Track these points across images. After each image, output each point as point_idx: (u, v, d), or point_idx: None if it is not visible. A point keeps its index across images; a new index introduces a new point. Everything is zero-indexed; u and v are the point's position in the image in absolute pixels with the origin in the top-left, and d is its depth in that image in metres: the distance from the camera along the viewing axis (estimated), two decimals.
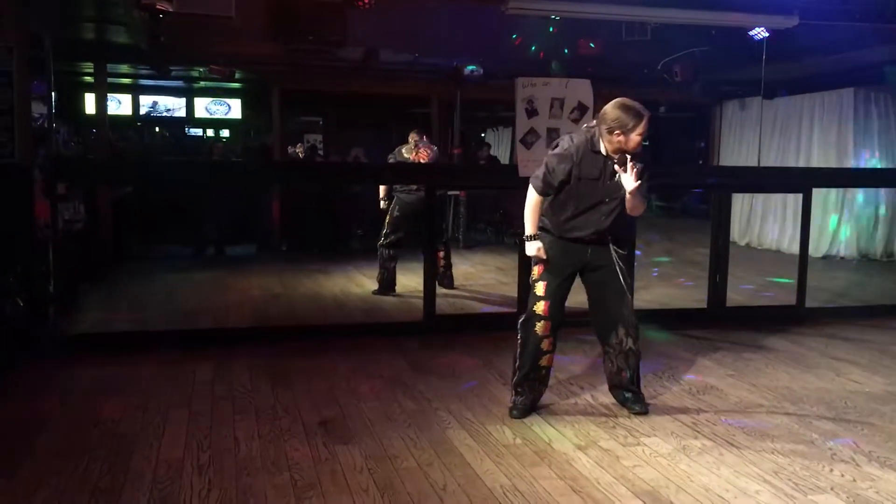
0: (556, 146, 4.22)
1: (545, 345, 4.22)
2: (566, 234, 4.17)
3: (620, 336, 4.23)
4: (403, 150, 7.95)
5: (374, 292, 7.81)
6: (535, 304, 4.20)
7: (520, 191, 6.27)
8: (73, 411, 4.26)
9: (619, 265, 4.16)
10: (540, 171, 4.19)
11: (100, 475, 3.41)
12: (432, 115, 13.26)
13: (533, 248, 4.22)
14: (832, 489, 3.36)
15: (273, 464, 3.55)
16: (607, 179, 4.05)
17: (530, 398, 4.30)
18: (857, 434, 4.06)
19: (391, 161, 8.00)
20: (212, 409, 4.31)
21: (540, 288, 4.20)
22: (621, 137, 3.96)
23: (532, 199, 4.24)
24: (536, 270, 4.24)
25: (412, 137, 8.01)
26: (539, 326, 4.19)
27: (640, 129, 3.95)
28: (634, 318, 4.26)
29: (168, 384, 4.75)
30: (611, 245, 4.17)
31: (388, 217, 7.90)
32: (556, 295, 4.18)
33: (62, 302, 5.94)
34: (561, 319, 4.23)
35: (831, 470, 3.58)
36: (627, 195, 3.97)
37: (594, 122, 4.13)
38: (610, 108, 4.00)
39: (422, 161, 7.75)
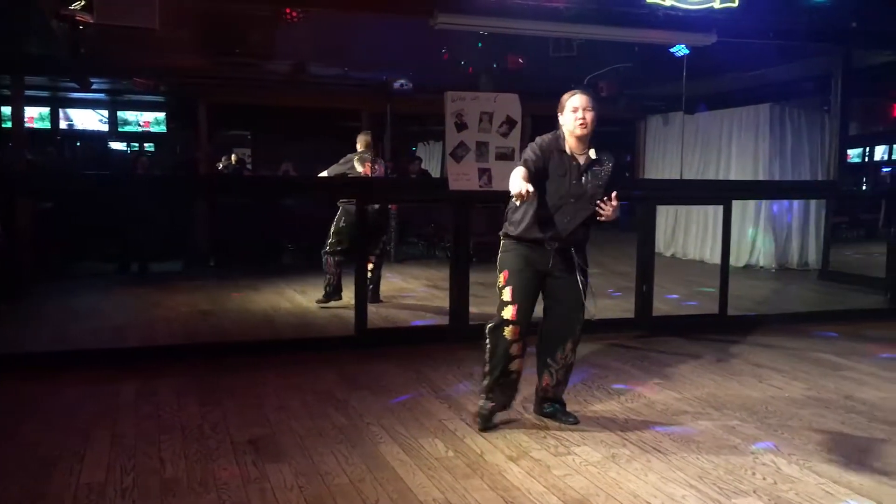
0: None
1: (514, 349, 4.16)
2: (527, 235, 4.10)
3: (567, 351, 4.24)
4: (356, 161, 7.71)
5: (319, 301, 7.77)
6: (504, 308, 4.13)
7: (451, 204, 6.35)
8: None
9: (581, 278, 4.16)
10: (525, 155, 4.08)
11: (17, 500, 3.27)
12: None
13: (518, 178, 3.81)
14: (755, 492, 3.47)
15: (200, 484, 3.47)
16: (572, 179, 4.07)
17: (500, 402, 4.26)
18: (778, 438, 4.20)
19: (346, 169, 7.75)
20: (136, 429, 4.19)
21: (507, 293, 4.12)
22: (565, 120, 4.07)
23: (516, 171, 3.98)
24: (502, 277, 4.16)
25: (368, 141, 7.85)
26: (508, 331, 4.11)
27: (572, 105, 4.05)
28: (580, 330, 4.27)
29: (90, 404, 4.60)
30: (574, 255, 4.16)
31: (333, 227, 7.82)
32: (525, 298, 4.12)
33: None
34: (528, 323, 4.16)
35: (754, 473, 3.68)
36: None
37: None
38: None
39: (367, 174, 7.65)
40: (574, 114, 4.04)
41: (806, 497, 3.41)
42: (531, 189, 3.74)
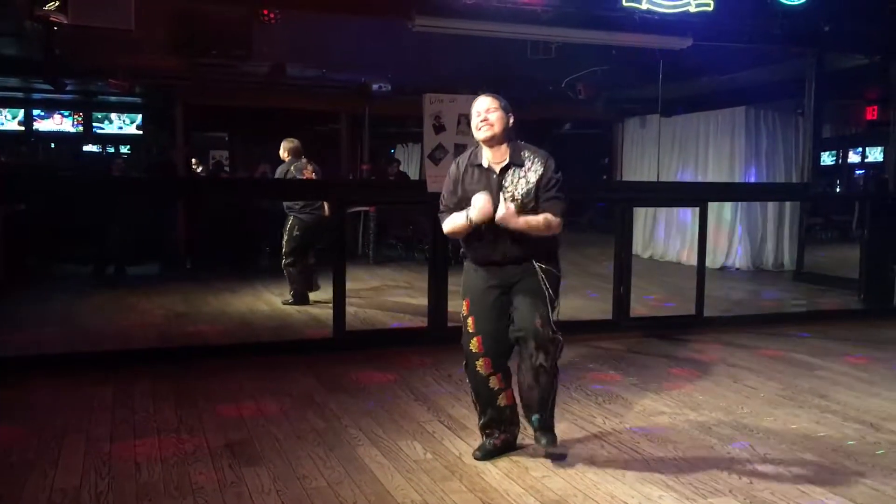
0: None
1: (494, 383, 3.82)
2: (481, 261, 3.81)
3: (531, 349, 3.73)
4: (294, 171, 7.78)
5: (286, 302, 7.81)
6: (469, 342, 3.82)
7: (429, 206, 6.35)
8: None
9: (542, 278, 3.74)
10: (441, 203, 3.92)
11: None
12: (341, 130, 13.21)
13: (480, 201, 3.62)
14: (731, 492, 3.50)
15: (177, 489, 3.45)
16: (494, 192, 3.69)
17: (501, 439, 3.93)
18: (754, 437, 4.23)
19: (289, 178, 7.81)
20: (111, 433, 4.15)
21: (470, 323, 3.82)
22: (472, 129, 3.77)
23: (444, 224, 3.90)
24: (465, 306, 3.86)
25: (294, 148, 7.86)
26: (479, 365, 3.81)
27: (475, 110, 3.75)
28: (550, 334, 3.73)
29: (65, 409, 4.55)
30: (534, 262, 3.77)
31: (286, 236, 7.84)
32: (489, 324, 3.78)
33: None
34: (501, 350, 3.82)
35: (730, 473, 3.71)
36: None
37: None
38: None
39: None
40: (477, 118, 3.72)
41: (781, 496, 3.45)
42: (487, 201, 3.61)
